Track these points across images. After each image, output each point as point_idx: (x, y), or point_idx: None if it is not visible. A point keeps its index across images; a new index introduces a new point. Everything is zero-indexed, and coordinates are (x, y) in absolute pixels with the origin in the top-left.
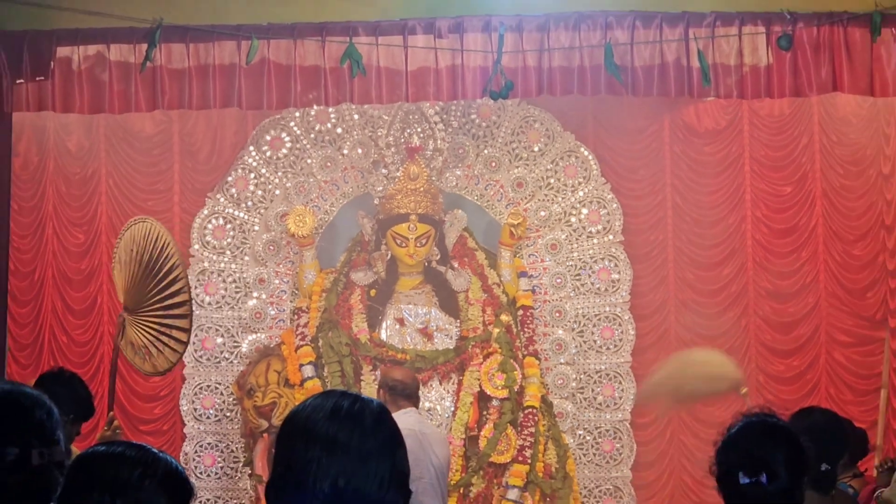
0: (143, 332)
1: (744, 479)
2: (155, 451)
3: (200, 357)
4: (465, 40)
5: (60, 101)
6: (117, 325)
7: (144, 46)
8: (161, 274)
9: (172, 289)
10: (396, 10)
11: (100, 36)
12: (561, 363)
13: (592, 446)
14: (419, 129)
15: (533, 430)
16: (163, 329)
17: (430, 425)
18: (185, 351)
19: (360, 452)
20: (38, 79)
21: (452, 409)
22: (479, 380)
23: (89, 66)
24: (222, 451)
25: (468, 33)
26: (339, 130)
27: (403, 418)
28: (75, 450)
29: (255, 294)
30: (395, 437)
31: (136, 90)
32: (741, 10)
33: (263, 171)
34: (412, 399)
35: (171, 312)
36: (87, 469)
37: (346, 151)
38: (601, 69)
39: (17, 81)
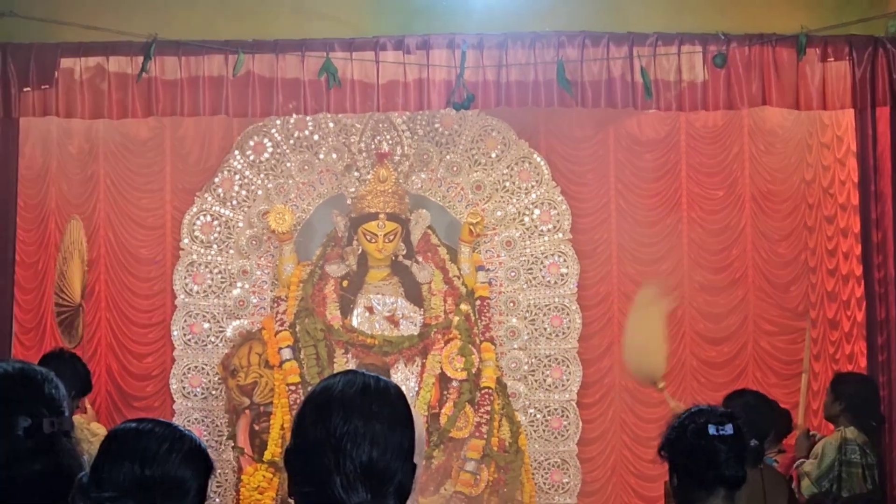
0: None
1: (712, 430)
2: (181, 428)
3: (189, 340)
4: (430, 56)
5: (63, 108)
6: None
7: (141, 59)
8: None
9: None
10: (369, 28)
11: (100, 49)
12: (514, 348)
13: (542, 423)
14: (388, 137)
15: (489, 408)
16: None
17: None
18: None
19: (389, 424)
20: (43, 87)
21: (416, 389)
22: (440, 363)
23: (90, 77)
24: (208, 426)
25: (434, 50)
26: (315, 137)
27: None
28: (83, 420)
29: (238, 284)
30: (410, 413)
31: (133, 98)
32: (680, 32)
33: (247, 173)
34: None
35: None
36: (119, 442)
37: (321, 156)
38: (554, 83)
39: (24, 89)
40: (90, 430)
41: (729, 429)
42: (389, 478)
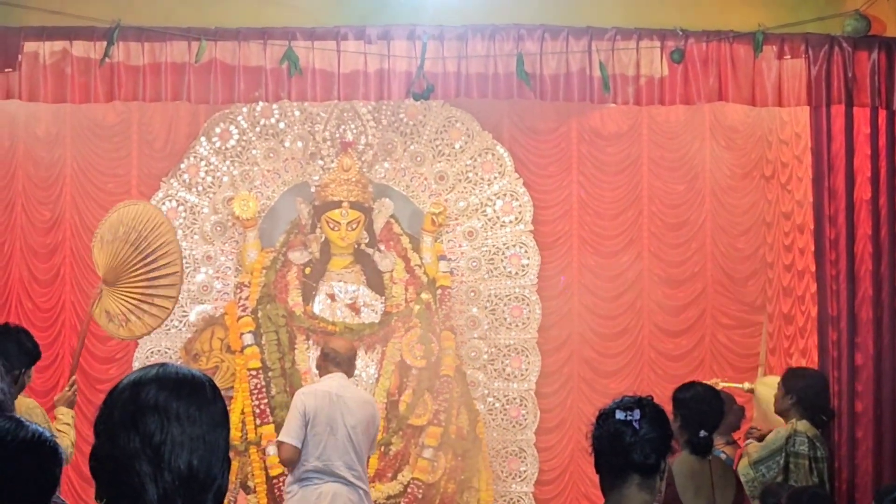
0: (122, 301)
1: (619, 414)
2: (25, 422)
3: None
4: (391, 47)
5: (27, 91)
6: (94, 295)
7: (104, 44)
8: (150, 250)
9: (161, 262)
10: (331, 17)
11: (64, 34)
12: (474, 337)
13: (501, 412)
14: (353, 126)
15: (447, 396)
16: (144, 298)
17: (353, 389)
18: (167, 317)
19: (208, 426)
20: (6, 70)
21: (376, 376)
22: (400, 350)
23: (54, 61)
24: None
25: (395, 40)
26: (281, 125)
27: (326, 381)
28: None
29: (203, 269)
30: (226, 408)
31: (96, 83)
32: (639, 27)
33: (213, 159)
34: (341, 366)
35: (155, 283)
36: None
37: (287, 144)
38: (513, 76)
39: None
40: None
41: (636, 414)
42: (210, 484)
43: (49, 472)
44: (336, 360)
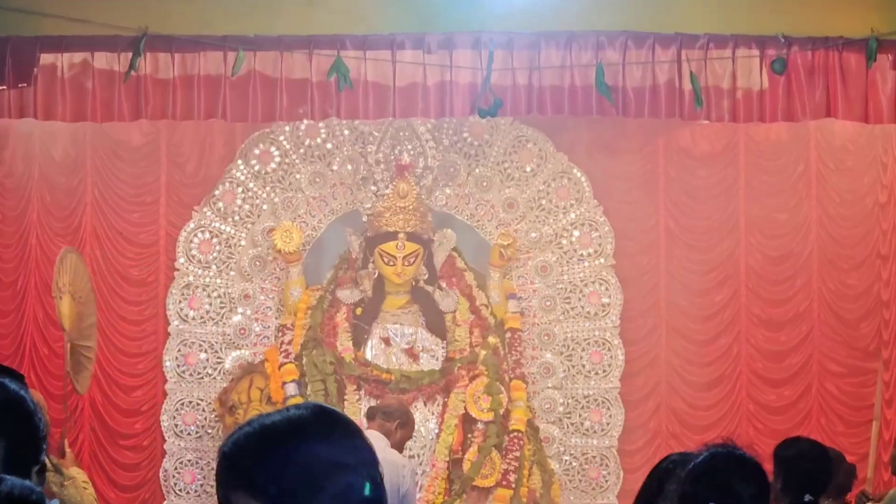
0: (73, 357)
1: None
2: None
3: (183, 372)
4: (454, 56)
5: (42, 109)
6: (66, 351)
7: (129, 55)
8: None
9: (88, 312)
10: (385, 24)
11: (85, 44)
12: (548, 387)
13: (578, 472)
14: (410, 146)
15: (518, 454)
16: (82, 351)
17: (381, 452)
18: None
19: (370, 462)
20: (20, 86)
21: (437, 430)
22: (464, 402)
23: (74, 74)
24: (202, 469)
25: (457, 49)
26: (328, 146)
27: None
28: (59, 462)
29: (239, 310)
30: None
31: (120, 99)
32: (735, 33)
33: (251, 185)
34: (373, 420)
35: (84, 334)
36: None
37: (335, 167)
38: (592, 89)
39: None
40: (66, 474)
41: None
42: None
43: None
44: (370, 415)
